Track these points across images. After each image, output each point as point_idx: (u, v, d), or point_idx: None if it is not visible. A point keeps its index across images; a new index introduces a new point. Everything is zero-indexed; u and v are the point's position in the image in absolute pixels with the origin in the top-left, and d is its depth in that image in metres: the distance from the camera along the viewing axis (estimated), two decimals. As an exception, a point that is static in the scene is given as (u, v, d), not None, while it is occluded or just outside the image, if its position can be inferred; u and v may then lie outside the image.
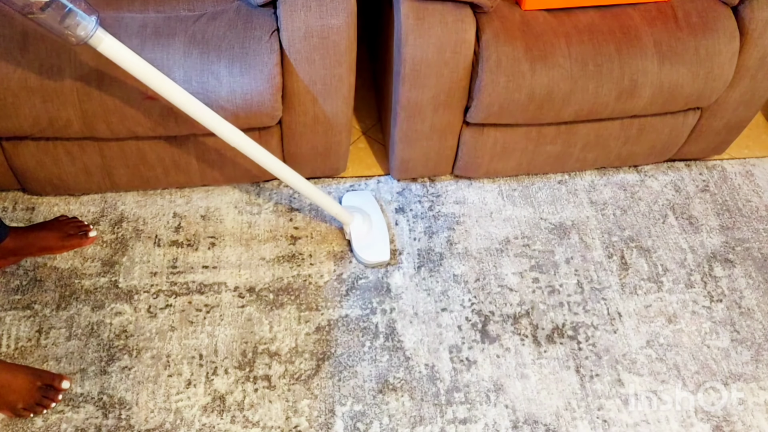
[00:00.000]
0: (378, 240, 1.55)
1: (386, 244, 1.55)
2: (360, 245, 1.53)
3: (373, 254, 1.53)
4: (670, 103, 1.53)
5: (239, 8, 1.37)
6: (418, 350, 1.42)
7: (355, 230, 1.54)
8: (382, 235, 1.56)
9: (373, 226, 1.57)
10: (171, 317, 1.43)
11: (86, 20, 1.05)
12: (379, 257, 1.53)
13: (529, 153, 1.64)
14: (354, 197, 1.64)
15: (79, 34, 1.05)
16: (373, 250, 1.53)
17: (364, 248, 1.53)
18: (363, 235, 1.54)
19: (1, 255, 1.43)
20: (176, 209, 1.61)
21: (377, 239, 1.55)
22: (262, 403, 1.33)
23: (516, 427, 1.33)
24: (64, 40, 1.06)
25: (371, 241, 1.54)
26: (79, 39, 1.06)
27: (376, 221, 1.58)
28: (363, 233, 1.54)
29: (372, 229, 1.56)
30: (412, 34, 1.33)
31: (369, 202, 1.63)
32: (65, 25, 1.04)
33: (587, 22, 1.44)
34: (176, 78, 1.30)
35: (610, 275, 1.57)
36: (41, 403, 1.27)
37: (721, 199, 1.75)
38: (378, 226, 1.58)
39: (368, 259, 1.52)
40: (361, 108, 1.89)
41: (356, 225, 1.54)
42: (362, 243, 1.53)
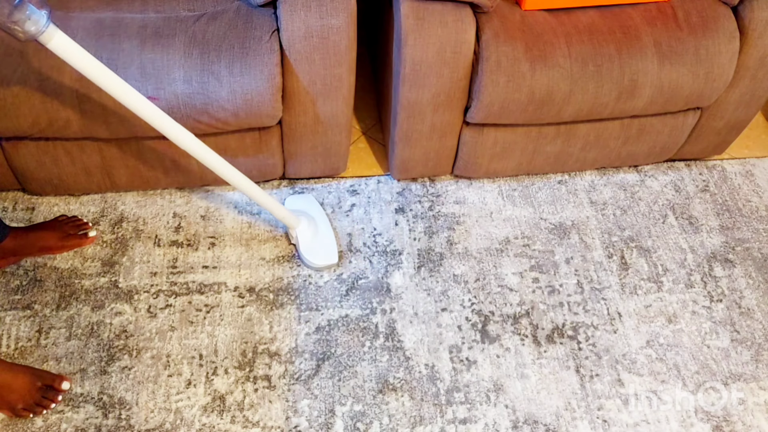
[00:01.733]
0: (325, 243, 1.53)
1: (333, 246, 1.53)
2: (307, 249, 1.51)
3: (321, 258, 1.51)
4: (670, 103, 1.53)
5: (239, 8, 1.37)
6: (418, 350, 1.42)
7: (301, 234, 1.52)
8: (329, 238, 1.54)
9: (318, 230, 1.55)
10: (171, 317, 1.43)
11: (37, 14, 0.98)
12: (327, 260, 1.51)
13: (529, 153, 1.64)
14: (297, 201, 1.63)
15: (29, 29, 0.98)
16: (320, 254, 1.51)
17: (311, 252, 1.51)
18: (309, 239, 1.52)
19: (1, 255, 1.43)
20: (176, 209, 1.61)
21: (324, 242, 1.53)
22: (262, 403, 1.33)
23: (516, 427, 1.33)
24: (12, 34, 0.99)
25: (318, 245, 1.52)
26: (29, 35, 0.99)
27: (321, 224, 1.56)
28: (309, 237, 1.52)
29: (318, 232, 1.54)
30: (412, 34, 1.33)
31: (312, 206, 1.61)
32: (14, 19, 0.96)
33: (587, 22, 1.44)
34: (176, 78, 1.30)
35: (610, 275, 1.57)
36: (41, 404, 1.27)
37: (721, 199, 1.75)
38: (323, 229, 1.56)
39: (316, 263, 1.50)
40: (361, 108, 1.89)
41: (302, 229, 1.52)
42: (309, 246, 1.51)
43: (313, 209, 1.60)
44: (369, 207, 1.66)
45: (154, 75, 1.30)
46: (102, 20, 1.32)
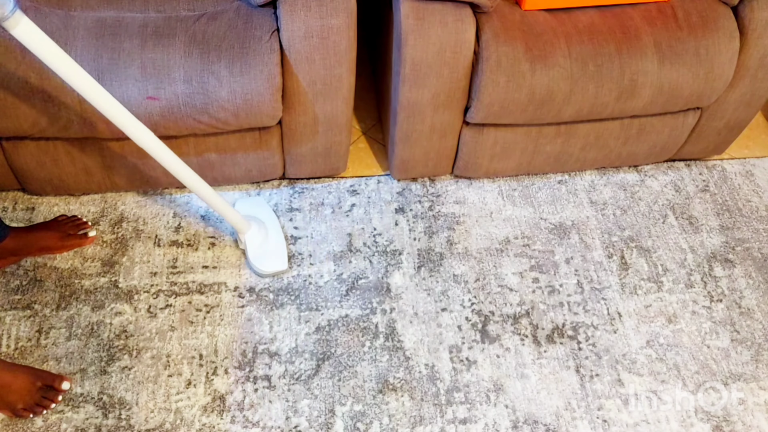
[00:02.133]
0: (274, 249, 1.50)
1: (283, 252, 1.50)
2: (255, 255, 1.48)
3: (270, 264, 1.48)
4: (670, 103, 1.53)
5: (239, 8, 1.37)
6: (418, 350, 1.42)
7: (250, 239, 1.48)
8: (279, 244, 1.51)
9: (269, 235, 1.52)
10: (171, 317, 1.43)
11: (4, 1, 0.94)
12: (276, 267, 1.48)
13: (529, 153, 1.64)
14: (246, 204, 1.59)
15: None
16: (269, 260, 1.48)
17: (260, 258, 1.48)
18: (258, 245, 1.49)
19: (1, 255, 1.43)
20: (176, 209, 1.61)
21: (273, 248, 1.50)
22: (262, 403, 1.33)
23: (516, 427, 1.33)
24: None
25: (267, 251, 1.49)
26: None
27: (271, 229, 1.53)
28: (258, 242, 1.49)
29: (268, 237, 1.51)
30: (412, 35, 1.33)
31: (263, 210, 1.58)
32: None
33: (587, 22, 1.44)
34: (177, 78, 1.30)
35: (610, 275, 1.57)
36: (41, 404, 1.27)
37: (721, 199, 1.75)
38: (274, 234, 1.53)
39: (264, 269, 1.47)
40: (361, 108, 1.89)
41: (251, 234, 1.48)
42: (258, 252, 1.48)
43: (263, 213, 1.57)
44: (369, 207, 1.66)
45: (155, 75, 1.30)
46: (103, 20, 1.32)
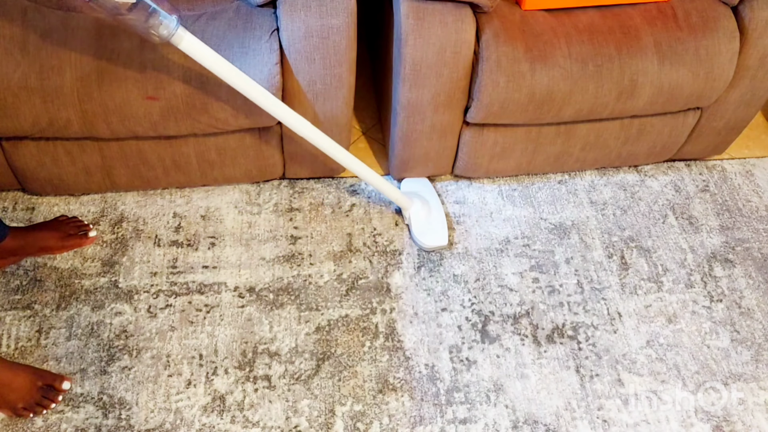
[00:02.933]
0: (436, 225, 1.59)
1: (444, 228, 1.59)
2: (419, 230, 1.57)
3: (432, 239, 1.56)
4: (670, 103, 1.53)
5: (239, 8, 1.37)
6: (418, 350, 1.42)
7: (414, 215, 1.58)
8: (440, 221, 1.60)
9: (431, 212, 1.61)
10: (171, 317, 1.43)
11: (168, 19, 1.09)
12: (438, 242, 1.56)
13: (529, 153, 1.64)
14: (412, 183, 1.69)
15: (161, 33, 1.09)
16: (431, 235, 1.57)
17: (424, 233, 1.57)
18: (422, 220, 1.58)
19: (1, 255, 1.43)
20: (176, 209, 1.61)
21: (435, 224, 1.59)
22: (262, 403, 1.33)
23: (516, 427, 1.33)
24: (148, 38, 1.10)
25: (430, 226, 1.58)
26: (162, 38, 1.10)
27: (434, 207, 1.62)
28: (422, 218, 1.58)
29: (430, 214, 1.60)
30: (412, 34, 1.33)
31: (426, 188, 1.68)
32: (149, 25, 1.08)
33: (587, 22, 1.44)
34: (176, 78, 1.30)
35: (610, 275, 1.57)
36: (41, 404, 1.27)
37: (721, 199, 1.75)
38: (436, 211, 1.62)
39: (427, 244, 1.56)
40: (361, 108, 1.89)
41: (415, 210, 1.58)
42: (421, 228, 1.57)
43: (427, 192, 1.67)
44: (369, 207, 1.66)
45: (154, 75, 1.30)
46: (103, 20, 1.32)
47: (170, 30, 1.10)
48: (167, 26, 1.09)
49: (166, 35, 1.10)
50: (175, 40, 1.12)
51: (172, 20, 1.09)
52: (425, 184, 1.69)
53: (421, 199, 1.61)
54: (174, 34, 1.11)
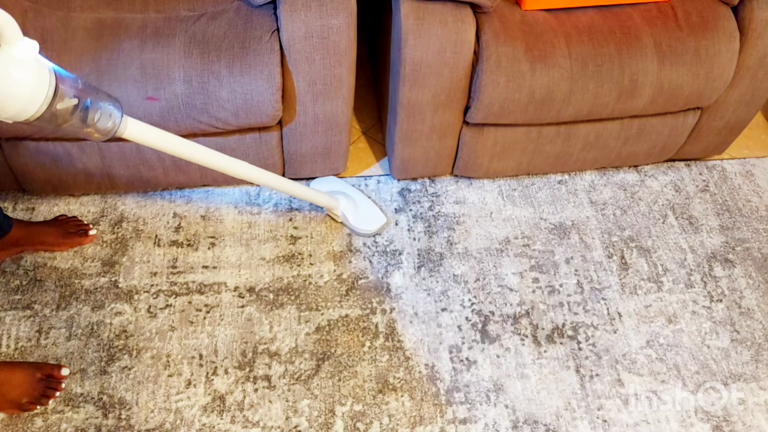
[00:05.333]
0: (367, 209, 1.61)
1: (376, 209, 1.62)
2: (357, 220, 1.59)
3: (372, 222, 1.59)
4: (670, 103, 1.53)
5: (239, 8, 1.37)
6: (418, 350, 1.42)
7: (345, 210, 1.59)
8: (369, 204, 1.63)
9: (357, 201, 1.62)
10: (171, 317, 1.43)
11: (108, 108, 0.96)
12: (379, 222, 1.59)
13: (529, 153, 1.64)
14: (322, 184, 1.69)
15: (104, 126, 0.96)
16: (369, 220, 1.60)
17: (362, 221, 1.59)
18: (354, 212, 1.60)
19: (5, 247, 1.44)
20: (176, 209, 1.61)
21: (366, 210, 1.61)
22: (262, 403, 1.33)
23: (516, 427, 1.33)
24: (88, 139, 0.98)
25: (364, 213, 1.60)
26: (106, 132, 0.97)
27: (355, 196, 1.64)
28: (353, 209, 1.60)
29: (357, 203, 1.62)
30: (412, 35, 1.33)
31: (337, 183, 1.69)
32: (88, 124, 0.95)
33: (587, 22, 1.44)
34: (176, 78, 1.30)
35: (610, 275, 1.57)
36: (46, 394, 1.28)
37: (721, 199, 1.75)
38: (359, 199, 1.63)
39: (370, 228, 1.58)
40: (361, 108, 1.89)
41: (344, 205, 1.59)
42: (358, 217, 1.59)
43: (340, 186, 1.68)
44: (369, 207, 1.66)
45: (154, 75, 1.30)
46: (103, 20, 1.32)
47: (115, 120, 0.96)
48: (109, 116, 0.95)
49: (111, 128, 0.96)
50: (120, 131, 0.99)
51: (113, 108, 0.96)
52: (332, 180, 1.70)
53: (341, 194, 1.62)
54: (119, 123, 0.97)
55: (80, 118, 0.92)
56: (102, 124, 0.96)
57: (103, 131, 0.97)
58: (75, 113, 0.91)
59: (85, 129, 0.95)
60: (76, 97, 0.90)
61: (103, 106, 0.95)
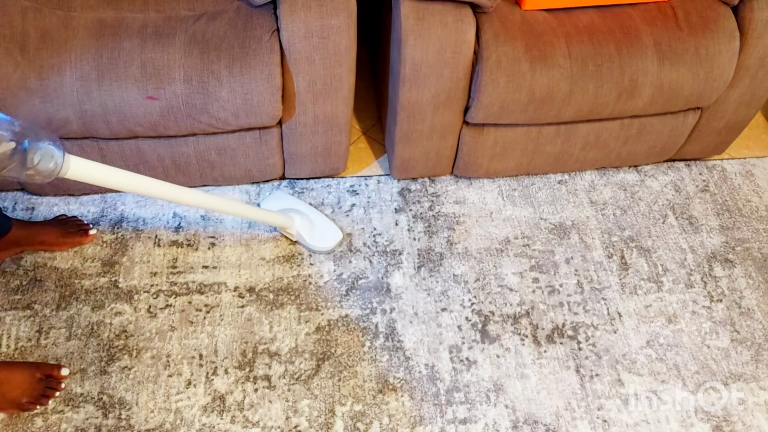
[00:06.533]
0: (323, 225, 1.57)
1: (331, 224, 1.58)
2: (313, 238, 1.54)
3: (329, 239, 1.55)
4: (670, 103, 1.53)
5: (239, 8, 1.37)
6: (418, 350, 1.42)
7: (300, 228, 1.53)
8: (324, 220, 1.58)
9: (311, 218, 1.57)
10: (171, 317, 1.43)
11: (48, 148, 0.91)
12: (336, 238, 1.55)
13: (529, 153, 1.64)
14: (272, 202, 1.62)
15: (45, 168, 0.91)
16: (326, 236, 1.55)
17: (319, 239, 1.54)
18: (309, 229, 1.55)
19: (5, 247, 1.44)
20: (176, 209, 1.61)
21: (321, 225, 1.57)
22: (262, 403, 1.33)
23: (516, 427, 1.33)
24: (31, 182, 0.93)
25: (319, 230, 1.56)
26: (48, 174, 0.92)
27: (309, 212, 1.59)
28: (308, 227, 1.55)
29: (312, 219, 1.57)
30: (412, 35, 1.33)
31: (290, 200, 1.63)
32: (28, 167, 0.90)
33: (587, 22, 1.44)
34: (176, 77, 1.30)
35: (610, 275, 1.57)
36: (45, 394, 1.28)
37: (721, 199, 1.75)
38: (313, 215, 1.59)
39: (327, 246, 1.54)
40: (361, 108, 1.89)
41: (299, 223, 1.53)
42: (314, 236, 1.54)
43: (291, 203, 1.62)
44: (369, 207, 1.66)
45: (154, 74, 1.30)
46: (103, 20, 1.32)
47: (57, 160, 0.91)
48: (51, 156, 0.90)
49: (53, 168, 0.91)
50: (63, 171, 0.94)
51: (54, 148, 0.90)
52: (282, 196, 1.64)
53: (294, 212, 1.56)
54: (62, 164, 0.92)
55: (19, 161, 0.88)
56: (43, 166, 0.91)
57: (44, 173, 0.92)
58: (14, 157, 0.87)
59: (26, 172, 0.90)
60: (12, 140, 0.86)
61: (43, 146, 0.90)
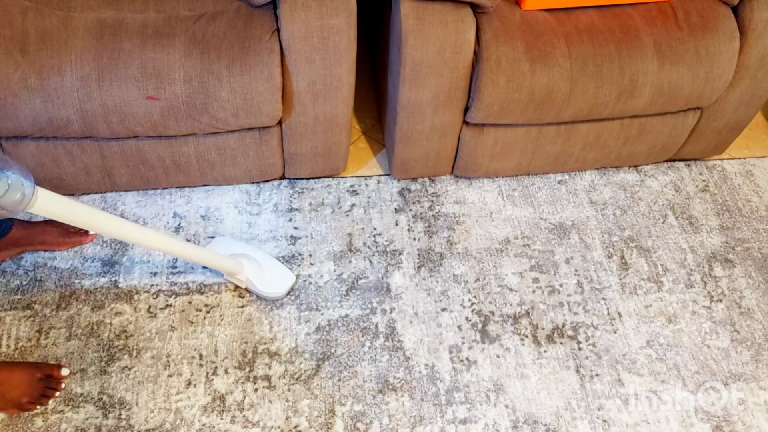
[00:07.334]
0: (272, 270, 1.47)
1: (282, 268, 1.48)
2: (264, 284, 1.45)
3: (280, 285, 1.46)
4: (670, 103, 1.53)
5: (239, 8, 1.37)
6: (418, 350, 1.42)
7: (250, 274, 1.43)
8: (272, 263, 1.49)
9: (259, 261, 1.47)
10: (171, 317, 1.43)
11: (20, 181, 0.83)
12: (287, 283, 1.47)
13: (529, 153, 1.64)
14: (218, 246, 1.52)
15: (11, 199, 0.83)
16: (276, 282, 1.46)
17: (269, 284, 1.45)
18: (259, 275, 1.45)
19: (6, 247, 1.44)
20: (176, 209, 1.61)
21: (271, 270, 1.47)
22: (262, 403, 1.33)
23: (516, 427, 1.33)
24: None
25: (269, 275, 1.46)
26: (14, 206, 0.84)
27: (257, 256, 1.48)
28: (257, 273, 1.45)
29: (260, 264, 1.46)
30: (412, 34, 1.33)
31: (233, 244, 1.52)
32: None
33: (587, 22, 1.44)
34: (176, 78, 1.30)
35: (610, 275, 1.57)
36: (45, 394, 1.28)
37: (721, 199, 1.75)
38: (261, 258, 1.48)
39: (278, 292, 1.46)
40: (361, 108, 1.89)
41: (248, 269, 1.43)
42: (264, 282, 1.45)
43: (237, 246, 1.52)
44: (369, 207, 1.66)
45: (155, 75, 1.30)
46: (103, 20, 1.32)
47: (26, 191, 0.83)
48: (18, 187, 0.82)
49: (20, 200, 0.83)
50: (32, 203, 0.87)
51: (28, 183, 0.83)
52: (227, 240, 1.53)
53: (242, 257, 1.45)
54: (32, 195, 0.84)
55: None
56: (9, 197, 0.83)
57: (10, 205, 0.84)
58: None
59: None
60: None
61: (12, 176, 0.84)
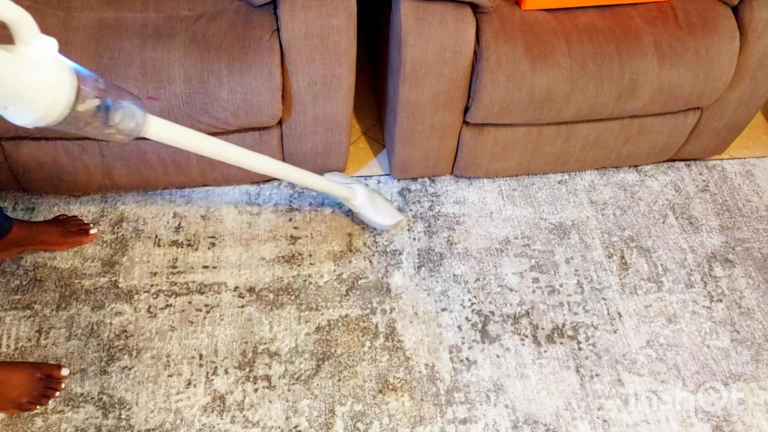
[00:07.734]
0: (384, 205, 1.56)
1: (392, 206, 1.58)
2: (376, 212, 1.53)
3: (392, 216, 1.55)
4: (670, 103, 1.53)
5: (239, 8, 1.37)
6: (418, 350, 1.42)
7: (362, 202, 1.52)
8: (384, 201, 1.57)
9: (374, 196, 1.56)
10: (171, 317, 1.43)
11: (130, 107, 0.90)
12: (397, 217, 1.56)
13: (529, 153, 1.64)
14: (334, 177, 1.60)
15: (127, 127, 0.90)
16: (386, 215, 1.55)
17: (380, 214, 1.54)
18: (371, 204, 1.53)
19: (6, 247, 1.44)
20: (176, 209, 1.61)
21: (383, 205, 1.56)
22: (262, 403, 1.33)
23: (516, 427, 1.33)
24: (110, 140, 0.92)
25: (380, 208, 1.55)
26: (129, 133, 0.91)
27: (371, 191, 1.57)
28: (370, 202, 1.53)
29: (374, 198, 1.55)
30: (412, 34, 1.33)
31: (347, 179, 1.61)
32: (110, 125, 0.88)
33: (587, 22, 1.44)
34: (176, 77, 1.30)
35: (610, 275, 1.57)
36: (45, 394, 1.28)
37: (721, 199, 1.75)
38: (374, 194, 1.57)
39: (387, 222, 1.55)
40: (361, 108, 1.89)
41: (362, 195, 1.52)
42: (376, 210, 1.54)
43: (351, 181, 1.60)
44: (369, 207, 1.66)
45: (155, 74, 1.30)
46: (103, 20, 1.32)
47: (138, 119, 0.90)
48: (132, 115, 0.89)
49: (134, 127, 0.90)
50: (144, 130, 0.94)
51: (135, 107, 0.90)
52: (341, 176, 1.61)
53: (357, 186, 1.54)
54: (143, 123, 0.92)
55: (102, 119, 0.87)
56: (124, 125, 0.90)
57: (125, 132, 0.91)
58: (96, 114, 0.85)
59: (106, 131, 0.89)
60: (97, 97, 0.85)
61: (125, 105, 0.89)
